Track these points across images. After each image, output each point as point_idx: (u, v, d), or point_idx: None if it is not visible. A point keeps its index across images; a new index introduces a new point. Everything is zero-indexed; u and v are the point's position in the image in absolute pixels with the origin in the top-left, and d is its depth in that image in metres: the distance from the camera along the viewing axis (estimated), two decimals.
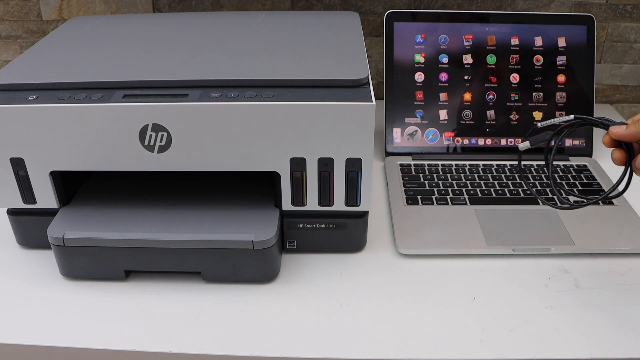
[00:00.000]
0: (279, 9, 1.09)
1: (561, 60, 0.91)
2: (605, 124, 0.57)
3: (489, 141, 0.91)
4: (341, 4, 1.08)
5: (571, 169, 0.87)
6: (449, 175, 0.85)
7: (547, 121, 0.60)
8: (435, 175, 0.85)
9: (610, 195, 0.58)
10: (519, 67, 0.91)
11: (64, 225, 0.65)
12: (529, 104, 0.91)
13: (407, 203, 0.79)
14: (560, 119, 0.59)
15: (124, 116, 0.59)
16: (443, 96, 0.91)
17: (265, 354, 0.57)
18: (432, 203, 0.79)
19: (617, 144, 0.57)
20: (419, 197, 0.80)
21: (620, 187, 0.58)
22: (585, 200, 0.59)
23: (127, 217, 0.66)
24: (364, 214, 0.68)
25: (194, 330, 0.60)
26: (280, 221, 0.67)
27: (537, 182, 0.83)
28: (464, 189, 0.81)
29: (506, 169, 0.86)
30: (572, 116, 0.59)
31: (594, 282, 0.66)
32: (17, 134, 0.61)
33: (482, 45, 0.90)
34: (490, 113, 0.91)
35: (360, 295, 0.64)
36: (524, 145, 0.61)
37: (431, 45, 0.90)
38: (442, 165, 0.87)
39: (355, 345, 0.58)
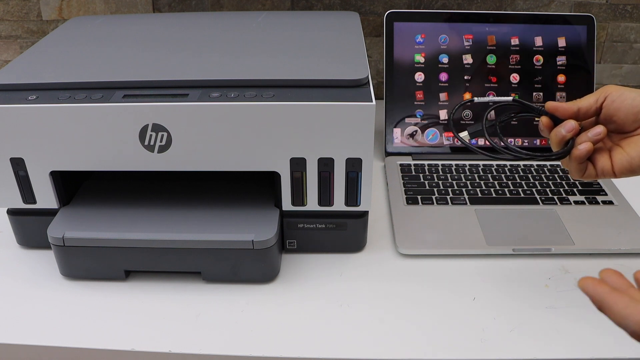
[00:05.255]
0: (279, 9, 1.09)
1: (561, 60, 0.91)
2: (542, 111, 0.60)
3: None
4: (341, 4, 1.08)
5: None
6: (449, 175, 0.85)
7: (483, 98, 0.65)
8: (435, 175, 0.85)
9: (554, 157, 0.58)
10: (519, 67, 0.91)
11: (64, 225, 0.65)
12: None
13: (407, 203, 0.79)
14: (498, 98, 0.64)
15: (124, 116, 0.59)
16: (443, 96, 0.91)
17: (265, 354, 0.57)
18: (432, 203, 0.79)
19: (553, 125, 0.59)
20: (419, 197, 0.80)
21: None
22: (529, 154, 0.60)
23: (127, 217, 0.66)
24: (364, 214, 0.68)
25: (194, 330, 0.60)
26: (280, 221, 0.67)
27: (537, 182, 0.83)
28: (464, 189, 0.81)
29: (506, 169, 0.86)
30: (510, 98, 0.62)
31: None
32: (17, 134, 0.61)
33: (482, 45, 0.90)
34: (491, 113, 0.91)
35: (360, 295, 0.64)
36: (463, 135, 0.64)
37: (431, 45, 0.90)
38: (442, 165, 0.87)
39: (355, 345, 0.58)
